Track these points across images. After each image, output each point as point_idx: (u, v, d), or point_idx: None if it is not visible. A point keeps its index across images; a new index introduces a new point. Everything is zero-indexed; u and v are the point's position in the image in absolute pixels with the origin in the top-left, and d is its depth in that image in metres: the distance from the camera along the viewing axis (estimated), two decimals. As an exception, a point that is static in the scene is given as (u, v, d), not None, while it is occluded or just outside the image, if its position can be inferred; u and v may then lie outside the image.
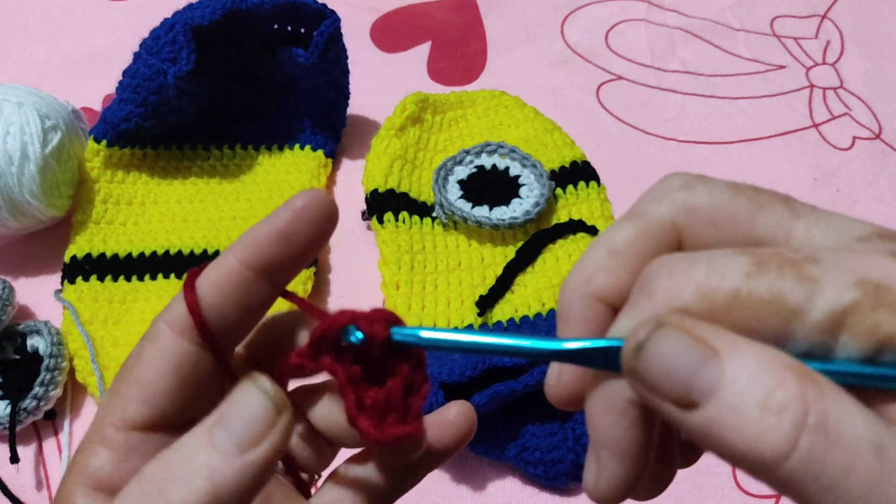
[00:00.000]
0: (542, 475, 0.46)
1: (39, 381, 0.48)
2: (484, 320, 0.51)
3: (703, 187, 0.21)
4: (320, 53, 0.58)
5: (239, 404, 0.21)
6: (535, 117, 0.63)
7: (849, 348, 0.18)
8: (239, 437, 0.20)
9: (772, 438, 0.16)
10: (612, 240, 0.21)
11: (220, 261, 0.23)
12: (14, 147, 0.52)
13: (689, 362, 0.17)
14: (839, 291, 0.18)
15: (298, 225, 0.23)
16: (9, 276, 0.56)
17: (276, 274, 0.23)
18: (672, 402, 0.18)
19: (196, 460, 0.20)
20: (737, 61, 0.72)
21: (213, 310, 0.23)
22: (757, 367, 0.17)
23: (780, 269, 0.18)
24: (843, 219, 0.20)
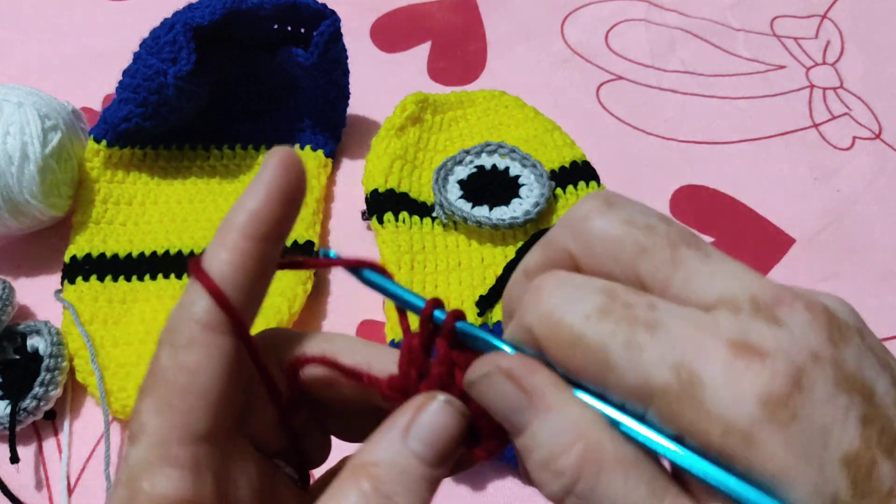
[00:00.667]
0: (542, 475, 0.46)
1: (39, 381, 0.48)
2: (484, 320, 0.51)
3: (599, 220, 0.22)
4: (320, 53, 0.58)
5: (440, 425, 0.22)
6: (535, 117, 0.63)
7: (655, 423, 0.19)
8: (439, 454, 0.22)
9: (547, 489, 0.20)
10: (526, 263, 0.24)
11: (221, 238, 0.23)
12: (14, 147, 0.52)
13: (509, 403, 0.21)
14: (653, 369, 0.19)
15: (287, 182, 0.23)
16: (9, 276, 0.56)
17: (279, 236, 0.24)
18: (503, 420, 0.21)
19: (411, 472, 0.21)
20: (737, 61, 0.72)
21: (233, 293, 0.22)
22: (555, 429, 0.20)
23: (618, 323, 0.20)
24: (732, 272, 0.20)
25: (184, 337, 0.22)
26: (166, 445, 0.22)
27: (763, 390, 0.18)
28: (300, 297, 0.52)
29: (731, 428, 0.18)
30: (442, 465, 0.22)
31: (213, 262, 0.22)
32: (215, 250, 0.23)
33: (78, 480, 0.48)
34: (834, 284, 0.56)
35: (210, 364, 0.22)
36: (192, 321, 0.22)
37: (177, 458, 0.21)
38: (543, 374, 0.21)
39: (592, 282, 0.21)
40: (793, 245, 0.59)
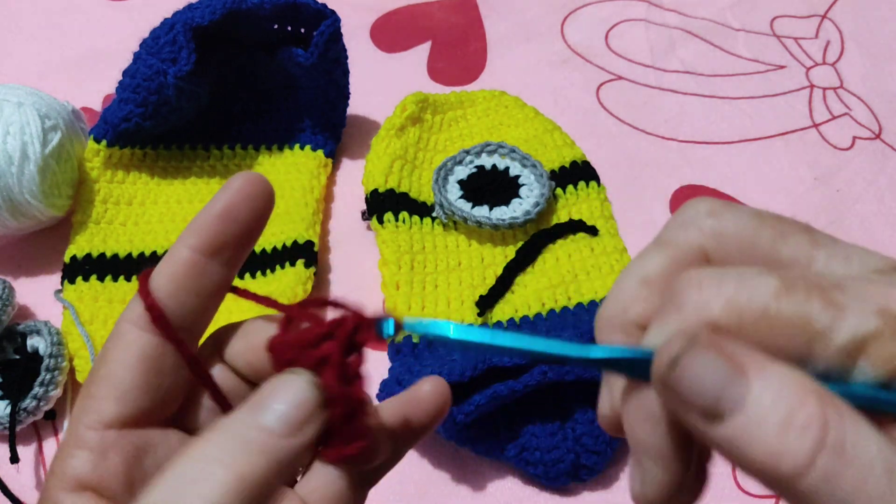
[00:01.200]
0: (542, 475, 0.46)
1: (39, 381, 0.48)
2: (484, 320, 0.51)
3: (728, 214, 0.22)
4: (320, 53, 0.58)
5: (287, 391, 0.22)
6: (535, 117, 0.63)
7: (866, 373, 0.19)
8: (288, 421, 0.22)
9: (792, 455, 0.17)
10: (644, 268, 0.22)
11: (171, 251, 0.24)
12: (14, 147, 0.52)
13: (718, 378, 0.18)
14: (862, 318, 0.19)
15: (237, 203, 0.24)
16: (9, 276, 0.56)
17: (224, 254, 0.24)
18: (699, 414, 0.19)
19: (252, 438, 0.21)
20: (737, 61, 0.72)
21: (171, 299, 0.24)
22: (782, 388, 0.18)
23: (808, 291, 0.19)
24: (861, 251, 0.21)
25: (115, 333, 0.24)
26: (79, 428, 0.23)
27: None
28: (300, 297, 0.52)
29: None
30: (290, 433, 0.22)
31: (158, 268, 0.24)
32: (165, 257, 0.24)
33: (78, 480, 0.48)
34: (834, 284, 0.56)
35: (125, 355, 0.24)
36: (125, 319, 0.24)
37: (85, 441, 0.23)
38: (736, 343, 0.19)
39: (748, 268, 0.20)
40: (793, 245, 0.59)
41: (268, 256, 0.55)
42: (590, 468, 0.46)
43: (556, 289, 0.52)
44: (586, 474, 0.46)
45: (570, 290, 0.52)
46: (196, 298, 0.24)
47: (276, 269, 0.54)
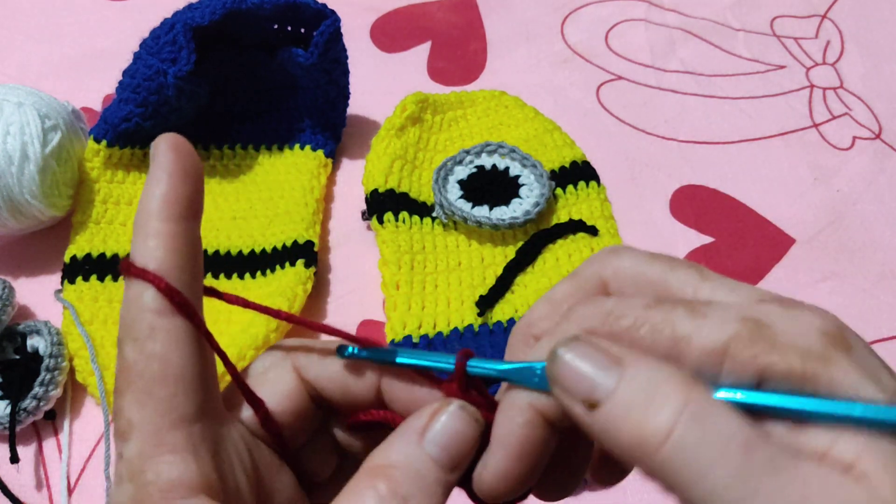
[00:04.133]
0: (542, 475, 0.46)
1: (39, 381, 0.48)
2: (484, 320, 0.51)
3: (627, 253, 0.24)
4: (320, 53, 0.58)
5: (455, 429, 0.23)
6: (535, 117, 0.63)
7: (732, 376, 0.20)
8: (453, 458, 0.23)
9: (652, 424, 0.19)
10: (552, 294, 0.25)
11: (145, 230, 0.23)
12: (14, 147, 0.52)
13: (593, 368, 0.21)
14: (723, 323, 0.20)
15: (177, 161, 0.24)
16: (9, 276, 0.56)
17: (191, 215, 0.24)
18: (580, 403, 0.21)
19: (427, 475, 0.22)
20: (737, 61, 0.72)
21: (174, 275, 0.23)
22: (651, 373, 0.20)
23: (674, 304, 0.21)
24: (749, 287, 0.22)
25: (143, 328, 0.22)
26: (159, 434, 0.22)
27: (821, 327, 0.20)
28: (300, 297, 0.52)
29: (808, 353, 0.20)
30: (456, 469, 0.23)
31: (143, 253, 0.23)
32: (141, 241, 0.23)
33: (78, 480, 0.48)
34: (833, 284, 0.56)
35: (177, 347, 0.22)
36: (146, 311, 0.22)
37: (173, 444, 0.22)
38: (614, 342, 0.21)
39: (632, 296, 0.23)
40: (793, 245, 0.59)
41: (268, 256, 0.55)
42: (590, 468, 0.46)
43: (556, 289, 0.52)
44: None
45: (570, 290, 0.52)
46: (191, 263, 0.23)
47: (276, 269, 0.54)
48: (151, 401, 0.22)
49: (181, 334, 0.23)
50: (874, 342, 0.53)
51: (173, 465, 0.21)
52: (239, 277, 0.55)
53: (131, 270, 0.23)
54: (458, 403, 0.23)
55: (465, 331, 0.50)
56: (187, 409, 0.22)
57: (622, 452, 0.20)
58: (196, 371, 0.23)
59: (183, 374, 0.22)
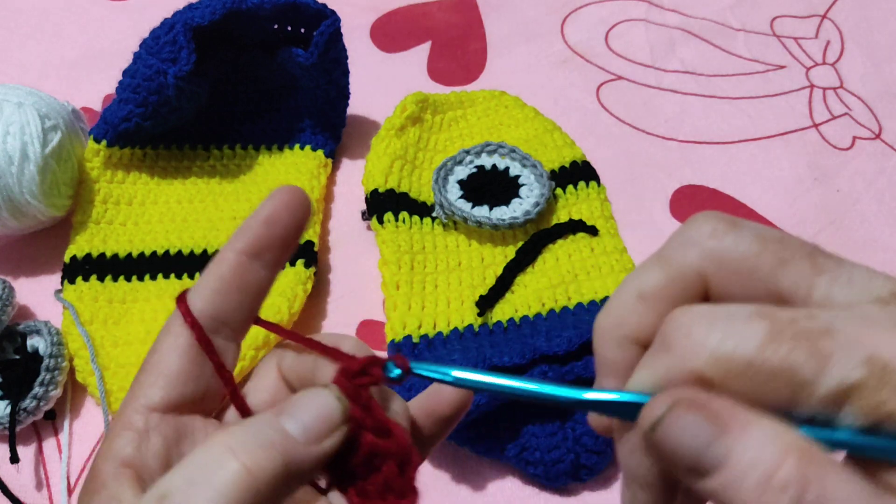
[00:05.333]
0: (542, 475, 0.46)
1: (39, 381, 0.48)
2: (484, 320, 0.51)
3: (730, 237, 0.22)
4: (320, 53, 0.58)
5: (311, 402, 0.24)
6: (535, 117, 0.63)
7: (850, 420, 0.19)
8: (308, 429, 0.23)
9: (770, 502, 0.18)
10: (642, 283, 0.23)
11: (218, 255, 0.27)
12: (14, 147, 0.52)
13: (699, 439, 0.19)
14: (848, 368, 0.19)
15: (279, 210, 0.26)
16: (9, 276, 0.56)
17: (266, 256, 0.26)
18: (684, 470, 0.20)
19: (270, 437, 0.22)
20: (737, 61, 0.72)
21: (217, 296, 0.26)
22: (763, 445, 0.19)
23: (795, 340, 0.19)
24: (865, 273, 0.21)
25: (166, 326, 0.26)
26: (127, 412, 0.25)
27: None
28: (300, 297, 0.52)
29: None
30: (310, 441, 0.23)
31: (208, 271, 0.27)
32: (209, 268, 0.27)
33: (78, 480, 0.48)
34: (834, 284, 0.56)
35: (172, 347, 0.26)
36: (175, 317, 0.26)
37: (131, 423, 0.25)
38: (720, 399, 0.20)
39: (740, 309, 0.20)
40: (793, 245, 0.59)
41: (268, 256, 0.55)
42: (590, 468, 0.46)
43: (556, 289, 0.52)
44: (586, 474, 0.46)
45: (570, 290, 0.52)
46: (240, 296, 0.26)
47: (276, 269, 0.54)
48: (136, 383, 0.26)
49: (184, 340, 0.26)
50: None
51: (123, 440, 0.25)
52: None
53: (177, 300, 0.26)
54: (324, 384, 0.24)
55: (465, 331, 0.50)
56: (156, 398, 0.25)
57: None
58: (181, 371, 0.26)
59: (165, 369, 0.26)
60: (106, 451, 0.25)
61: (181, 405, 0.26)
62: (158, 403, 0.25)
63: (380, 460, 0.24)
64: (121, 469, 0.24)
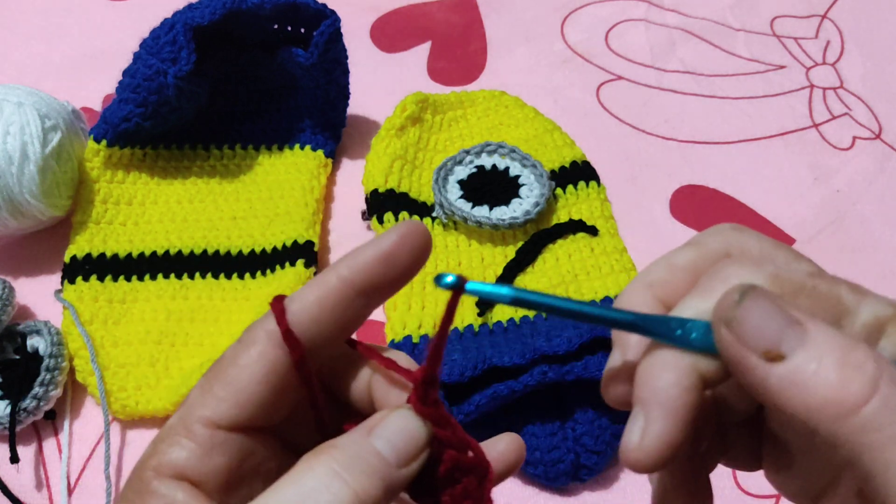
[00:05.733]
0: (542, 475, 0.46)
1: (39, 381, 0.48)
2: (484, 320, 0.51)
3: (750, 233, 0.24)
4: (320, 53, 0.58)
5: (401, 426, 0.23)
6: (535, 117, 0.63)
7: (886, 353, 0.21)
8: (399, 453, 0.23)
9: (854, 386, 0.19)
10: (674, 258, 0.25)
11: (324, 278, 0.25)
12: (14, 147, 0.52)
13: (779, 320, 0.20)
14: (881, 305, 0.22)
15: (402, 249, 0.25)
16: (9, 276, 0.56)
17: (375, 294, 0.25)
18: (759, 355, 0.20)
19: (371, 461, 0.22)
20: (737, 61, 0.72)
21: (313, 325, 0.24)
22: (835, 336, 0.20)
23: (834, 279, 0.22)
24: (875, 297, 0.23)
25: (250, 337, 0.24)
26: (190, 420, 0.24)
27: None
28: (300, 297, 0.52)
29: None
30: (402, 465, 0.23)
31: (300, 293, 0.25)
32: (310, 284, 0.25)
33: (78, 480, 0.48)
34: (834, 284, 0.56)
35: (256, 366, 0.24)
36: (263, 328, 0.24)
37: (194, 434, 0.23)
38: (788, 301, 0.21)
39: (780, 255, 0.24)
40: (793, 245, 0.59)
41: (268, 256, 0.55)
42: (590, 468, 0.46)
43: (556, 289, 0.52)
44: (586, 474, 0.46)
45: (570, 290, 0.52)
46: (335, 327, 0.25)
47: (276, 269, 0.54)
48: (206, 392, 0.24)
49: (269, 361, 0.24)
50: (874, 342, 0.53)
51: (182, 449, 0.23)
52: (239, 277, 0.55)
53: (273, 301, 0.25)
54: (407, 406, 0.24)
55: (465, 331, 0.50)
56: (228, 417, 0.24)
57: (805, 411, 0.19)
58: (260, 396, 0.24)
59: (243, 388, 0.24)
60: (160, 457, 0.23)
61: (248, 427, 0.24)
62: (229, 423, 0.24)
63: (460, 474, 0.24)
64: (176, 481, 0.23)
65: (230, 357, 0.24)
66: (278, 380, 0.24)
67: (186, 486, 0.23)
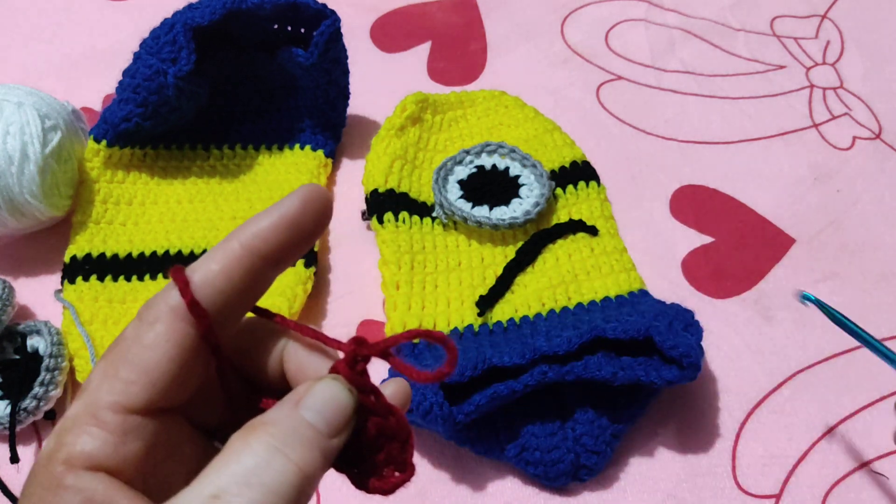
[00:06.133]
0: (542, 475, 0.46)
1: (39, 381, 0.48)
2: (484, 320, 0.51)
3: None
4: (320, 53, 0.58)
5: (329, 396, 0.23)
6: (535, 117, 0.63)
7: None
8: (330, 423, 0.23)
9: None
10: None
11: (226, 245, 0.24)
12: (14, 147, 0.52)
13: None
14: None
15: (305, 214, 0.24)
16: (9, 276, 0.56)
17: (278, 260, 0.25)
18: None
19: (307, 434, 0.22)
20: (737, 61, 0.72)
21: (218, 295, 0.24)
22: None
23: None
24: None
25: (152, 315, 0.23)
26: (98, 407, 0.23)
27: None
28: (300, 297, 0.52)
29: None
30: (333, 435, 0.23)
31: (201, 262, 0.24)
32: (210, 253, 0.24)
33: (78, 480, 0.48)
34: (833, 284, 0.56)
35: (164, 343, 0.23)
36: (165, 303, 0.23)
37: (105, 422, 0.23)
38: None
39: None
40: (793, 245, 0.59)
41: (268, 256, 0.55)
42: (590, 468, 0.46)
43: (556, 289, 0.52)
44: (586, 474, 0.46)
45: (570, 290, 0.52)
46: (240, 296, 0.24)
47: (276, 269, 0.54)
48: (111, 377, 0.23)
49: (176, 337, 0.23)
50: (874, 342, 0.53)
51: (94, 438, 0.22)
52: (239, 277, 0.55)
53: (173, 271, 0.24)
54: (331, 375, 0.24)
55: (465, 331, 0.50)
56: (137, 400, 0.23)
57: None
58: (168, 373, 0.23)
59: (152, 369, 0.23)
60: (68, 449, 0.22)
61: (165, 408, 0.24)
62: (142, 406, 0.23)
63: (384, 440, 0.24)
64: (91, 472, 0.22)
65: (132, 337, 0.23)
66: (187, 355, 0.23)
67: (103, 476, 0.22)
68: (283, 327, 0.26)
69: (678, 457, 0.48)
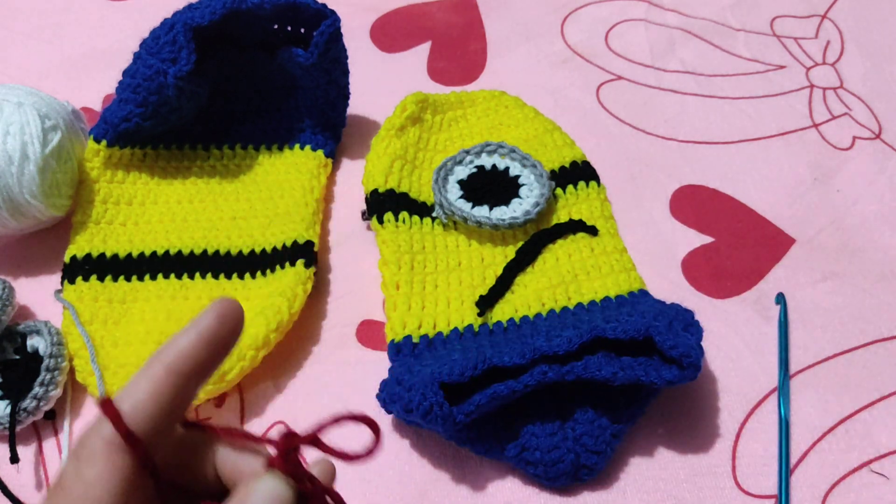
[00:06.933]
0: (542, 475, 0.46)
1: (39, 381, 0.48)
2: (484, 320, 0.51)
3: None
4: (320, 53, 0.58)
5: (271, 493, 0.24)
6: (535, 117, 0.63)
7: None
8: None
9: None
10: None
11: (150, 371, 0.25)
12: (14, 147, 0.52)
13: None
14: None
15: (220, 330, 0.26)
16: (9, 276, 0.56)
17: (200, 376, 0.26)
18: None
19: None
20: (737, 61, 0.72)
21: (148, 420, 0.25)
22: None
23: None
24: None
25: (87, 451, 0.24)
26: None
27: None
28: (300, 297, 0.52)
29: None
30: None
31: (127, 390, 0.25)
32: (134, 380, 0.25)
33: (78, 480, 0.48)
34: (834, 284, 0.56)
35: (105, 478, 0.24)
36: (98, 437, 0.24)
37: None
38: None
39: None
40: (793, 245, 0.59)
41: (268, 256, 0.55)
42: (590, 468, 0.46)
43: (556, 289, 0.52)
44: (586, 474, 0.46)
45: (570, 290, 0.52)
46: (168, 416, 0.25)
47: (276, 269, 0.54)
48: None
49: (118, 470, 0.24)
50: (874, 342, 0.53)
51: None
52: (239, 277, 0.55)
53: (102, 404, 0.25)
54: (269, 471, 0.25)
55: (465, 331, 0.50)
56: None
57: None
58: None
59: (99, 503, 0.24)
60: None
61: None
62: None
63: None
64: None
65: (72, 475, 0.24)
66: (127, 483, 0.24)
67: None
68: (210, 434, 0.28)
69: (678, 457, 0.48)
